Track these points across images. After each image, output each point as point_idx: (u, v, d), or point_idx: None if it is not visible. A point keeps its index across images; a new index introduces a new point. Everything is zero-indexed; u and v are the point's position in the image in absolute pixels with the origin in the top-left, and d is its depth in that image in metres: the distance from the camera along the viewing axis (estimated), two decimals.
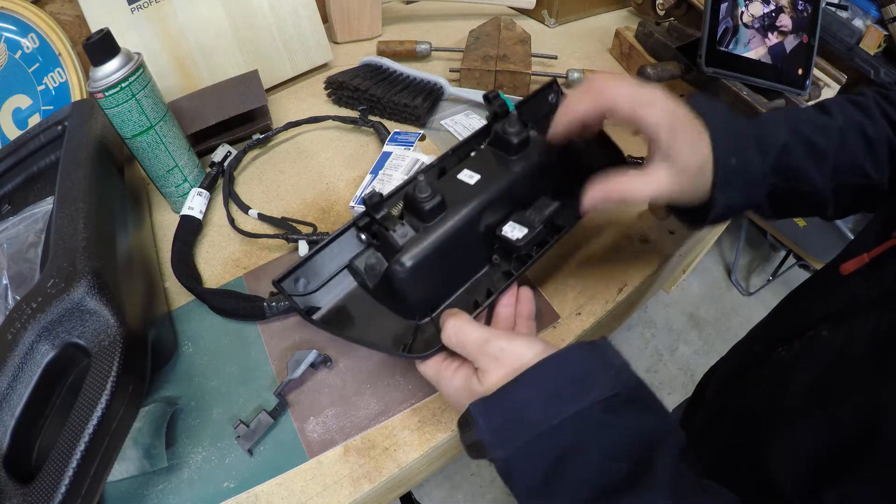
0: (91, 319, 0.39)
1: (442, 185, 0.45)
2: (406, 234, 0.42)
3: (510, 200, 0.46)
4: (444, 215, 0.43)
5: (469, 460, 1.42)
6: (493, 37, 0.82)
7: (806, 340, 0.39)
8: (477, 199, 0.44)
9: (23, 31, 0.64)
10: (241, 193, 0.65)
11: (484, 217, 0.45)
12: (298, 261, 0.43)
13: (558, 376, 0.32)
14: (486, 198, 0.45)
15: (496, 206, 0.46)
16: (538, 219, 0.46)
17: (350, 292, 0.46)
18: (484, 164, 0.47)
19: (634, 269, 0.57)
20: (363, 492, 0.43)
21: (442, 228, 0.43)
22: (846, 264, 0.39)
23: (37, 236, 0.49)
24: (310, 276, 0.44)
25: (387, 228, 0.42)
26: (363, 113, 0.71)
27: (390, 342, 0.43)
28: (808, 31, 0.71)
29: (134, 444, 0.43)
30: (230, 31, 0.72)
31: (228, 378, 0.49)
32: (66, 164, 0.49)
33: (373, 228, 0.44)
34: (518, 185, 0.46)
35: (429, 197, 0.42)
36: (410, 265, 0.41)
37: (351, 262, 0.45)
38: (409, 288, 0.43)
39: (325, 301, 0.45)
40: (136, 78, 0.51)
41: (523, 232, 0.45)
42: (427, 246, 0.42)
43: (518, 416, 0.31)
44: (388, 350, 0.43)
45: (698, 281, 1.74)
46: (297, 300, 0.44)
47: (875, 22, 1.18)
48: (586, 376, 0.32)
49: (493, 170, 0.47)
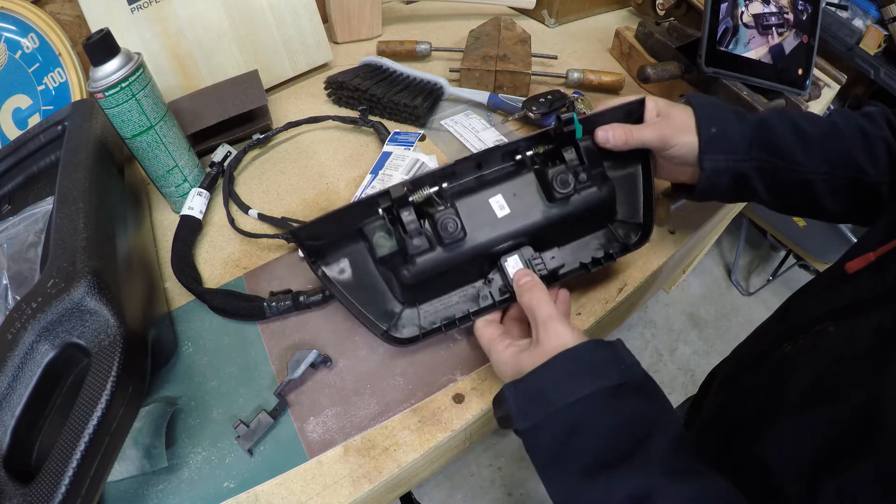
0: (91, 319, 0.39)
1: (470, 203, 0.47)
2: (420, 247, 0.45)
3: (526, 237, 0.48)
4: (461, 244, 0.45)
5: (469, 460, 1.41)
6: (493, 37, 0.82)
7: (811, 336, 0.40)
8: (496, 235, 0.46)
9: (23, 31, 0.64)
10: (241, 193, 0.65)
11: (496, 247, 0.47)
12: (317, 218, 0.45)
13: (576, 365, 0.37)
14: (505, 235, 0.47)
15: (511, 239, 0.47)
16: (542, 269, 0.47)
17: (356, 254, 0.48)
18: (519, 198, 0.47)
19: (634, 269, 0.58)
20: (363, 492, 0.43)
21: (453, 254, 0.45)
22: (851, 263, 0.39)
23: (37, 236, 0.48)
24: (324, 232, 0.46)
25: (405, 230, 0.44)
26: (363, 113, 0.71)
27: (374, 317, 0.47)
28: (808, 31, 0.71)
29: (134, 444, 0.43)
30: (230, 30, 0.72)
31: (228, 378, 0.49)
32: (66, 164, 0.49)
33: (393, 212, 0.45)
34: (540, 230, 0.48)
35: (452, 233, 0.44)
36: (413, 274, 0.45)
37: (364, 225, 0.47)
38: (407, 285, 0.46)
39: (332, 255, 0.48)
40: (136, 78, 0.51)
41: None
42: (434, 264, 0.45)
43: (540, 395, 0.37)
44: (374, 327, 0.47)
45: (698, 281, 1.74)
46: (307, 246, 0.46)
47: (875, 22, 1.18)
48: (599, 367, 0.37)
49: (524, 209, 0.47)
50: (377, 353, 0.50)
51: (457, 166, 0.47)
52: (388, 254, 0.46)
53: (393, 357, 0.50)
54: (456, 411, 0.47)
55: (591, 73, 0.79)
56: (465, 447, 0.53)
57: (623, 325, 1.60)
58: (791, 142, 0.47)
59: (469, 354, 0.51)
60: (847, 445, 0.31)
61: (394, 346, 0.47)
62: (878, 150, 0.46)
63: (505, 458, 1.39)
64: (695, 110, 0.48)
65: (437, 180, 0.47)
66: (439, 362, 0.50)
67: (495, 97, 0.73)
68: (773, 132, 0.47)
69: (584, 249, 0.51)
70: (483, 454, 1.39)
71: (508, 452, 1.39)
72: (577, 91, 0.78)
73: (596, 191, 0.48)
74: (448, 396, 0.48)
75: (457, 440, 0.48)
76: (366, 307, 0.47)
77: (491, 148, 0.48)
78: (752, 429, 0.40)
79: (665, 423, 0.35)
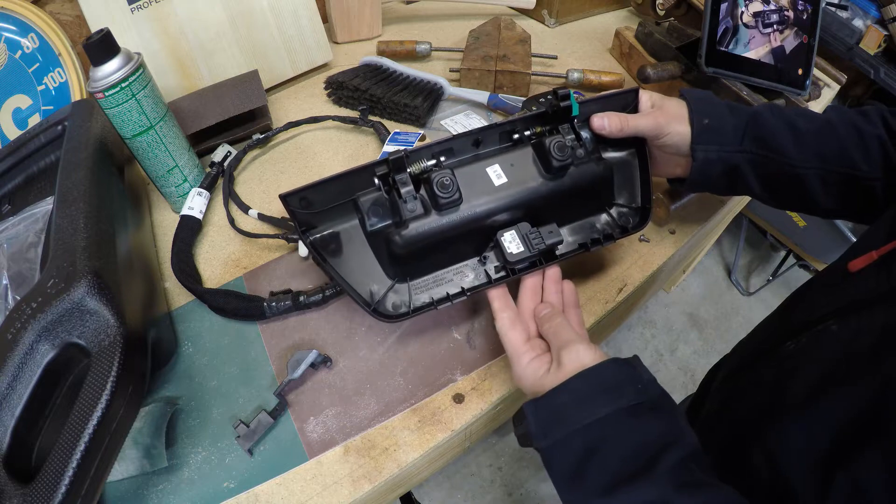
0: (91, 319, 0.39)
1: (467, 171, 0.46)
2: (414, 211, 0.44)
3: (523, 210, 0.47)
4: (456, 210, 0.45)
5: (469, 460, 1.41)
6: (493, 37, 0.82)
7: (814, 334, 0.40)
8: (492, 205, 0.45)
9: (23, 31, 0.64)
10: (241, 193, 0.65)
11: (492, 217, 0.46)
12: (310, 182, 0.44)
13: (594, 385, 0.38)
14: (502, 205, 0.46)
15: (507, 211, 0.46)
16: (540, 245, 0.46)
17: (348, 226, 0.47)
18: (517, 168, 0.47)
19: (634, 269, 0.58)
20: (363, 492, 0.43)
21: (447, 219, 0.44)
22: (854, 262, 0.39)
23: (37, 236, 0.48)
24: (316, 200, 0.45)
25: (399, 195, 0.43)
26: (363, 113, 0.71)
27: (365, 292, 0.46)
28: (808, 31, 0.71)
29: (134, 444, 0.43)
30: (230, 30, 0.72)
31: (228, 378, 0.49)
32: (66, 164, 0.49)
33: (389, 181, 0.45)
34: (537, 202, 0.47)
35: (448, 195, 0.43)
36: (406, 240, 0.43)
37: (357, 196, 0.46)
38: (400, 255, 0.45)
39: (323, 226, 0.47)
40: (136, 78, 0.51)
41: (520, 249, 0.46)
42: (428, 230, 0.44)
43: (559, 415, 0.38)
44: (361, 302, 0.45)
45: (698, 281, 1.74)
46: (297, 214, 0.45)
47: (875, 22, 1.18)
48: (617, 387, 0.38)
49: (521, 179, 0.47)
50: (377, 353, 0.50)
51: (454, 141, 0.47)
52: (381, 227, 0.45)
53: (393, 357, 0.50)
54: (456, 411, 0.47)
55: (591, 73, 0.79)
56: (465, 447, 0.53)
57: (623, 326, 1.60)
58: (783, 135, 0.47)
59: (469, 354, 0.51)
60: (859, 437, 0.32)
61: (383, 321, 0.45)
62: (871, 147, 0.46)
63: (505, 458, 1.39)
64: (688, 103, 0.49)
65: (434, 154, 0.47)
66: (439, 362, 0.50)
67: (495, 97, 0.73)
68: (765, 125, 0.48)
69: (583, 231, 0.51)
70: (483, 454, 1.39)
71: (508, 452, 1.39)
72: (577, 91, 0.78)
73: (593, 166, 0.48)
74: (448, 396, 0.48)
75: (457, 440, 0.48)
76: (355, 282, 0.46)
77: (488, 125, 0.48)
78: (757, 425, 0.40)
79: (678, 439, 0.35)
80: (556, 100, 0.47)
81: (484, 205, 0.45)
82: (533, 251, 0.46)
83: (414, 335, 0.52)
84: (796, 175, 0.47)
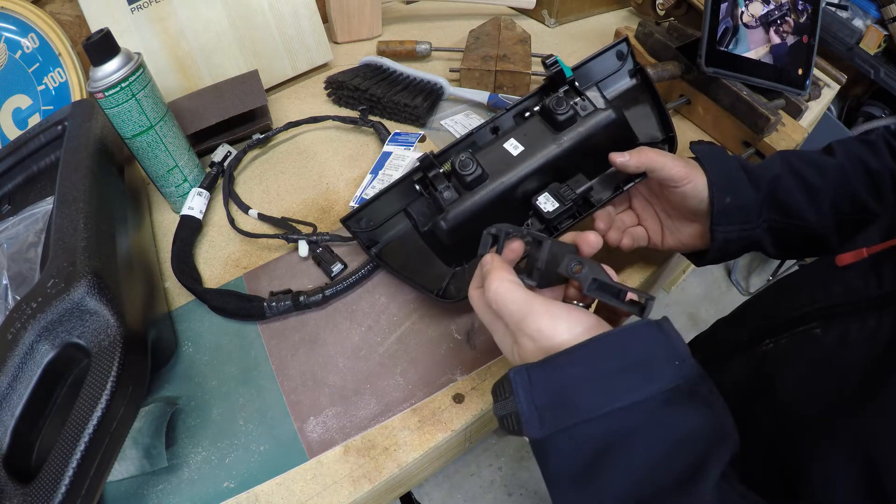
0: (91, 319, 0.39)
1: (488, 153, 0.51)
2: (451, 198, 0.49)
3: (548, 173, 0.50)
4: (484, 185, 0.49)
5: (469, 460, 1.40)
6: (493, 37, 0.82)
7: (797, 336, 0.38)
8: (515, 172, 0.49)
9: (23, 31, 0.64)
10: (241, 193, 0.65)
11: (521, 186, 0.49)
12: (362, 202, 0.52)
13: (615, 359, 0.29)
14: (525, 171, 0.49)
15: (534, 177, 0.50)
16: (571, 195, 0.49)
17: (404, 233, 0.53)
18: (529, 136, 0.51)
19: (635, 269, 0.58)
20: (363, 492, 0.43)
21: (479, 195, 0.49)
22: (843, 256, 0.38)
23: (37, 236, 0.48)
24: (371, 217, 0.53)
25: (435, 188, 0.49)
26: (363, 113, 0.71)
27: (430, 284, 0.50)
28: (808, 31, 0.71)
29: (134, 444, 0.43)
30: (230, 31, 0.72)
31: (228, 378, 0.49)
32: (66, 164, 0.49)
33: (426, 181, 0.51)
34: (557, 161, 0.50)
35: (471, 172, 0.48)
36: (449, 225, 0.49)
37: (407, 206, 0.53)
38: (449, 240, 0.50)
39: (383, 238, 0.54)
40: (136, 78, 0.51)
41: (555, 206, 0.49)
42: (465, 209, 0.49)
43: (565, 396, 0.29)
44: (427, 290, 0.50)
45: (698, 281, 1.74)
46: (360, 235, 0.52)
47: (875, 22, 1.18)
48: (647, 364, 0.29)
49: (536, 143, 0.50)
50: (377, 352, 0.50)
51: (475, 135, 0.52)
52: (431, 224, 0.50)
53: (393, 357, 0.50)
54: (456, 411, 0.47)
55: None
56: (465, 447, 0.53)
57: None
58: (801, 200, 0.46)
59: (469, 354, 0.51)
60: None
61: (449, 304, 0.50)
62: (882, 185, 0.46)
63: (505, 458, 1.39)
64: (707, 174, 0.46)
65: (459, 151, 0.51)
66: (439, 362, 0.50)
67: (495, 97, 0.73)
68: (782, 191, 0.46)
69: (615, 179, 0.52)
70: (483, 454, 1.38)
71: (508, 452, 1.39)
72: None
73: (601, 114, 0.50)
74: (448, 396, 0.48)
75: (456, 440, 0.48)
76: (418, 277, 0.51)
77: (501, 112, 0.52)
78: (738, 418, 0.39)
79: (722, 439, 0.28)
80: (547, 69, 0.51)
81: (508, 174, 0.49)
82: (567, 203, 0.49)
83: (414, 335, 0.52)
84: (813, 235, 0.47)
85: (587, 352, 0.29)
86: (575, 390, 0.29)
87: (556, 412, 0.29)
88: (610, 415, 0.28)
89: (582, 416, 0.28)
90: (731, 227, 0.46)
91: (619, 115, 0.51)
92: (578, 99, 0.51)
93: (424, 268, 0.52)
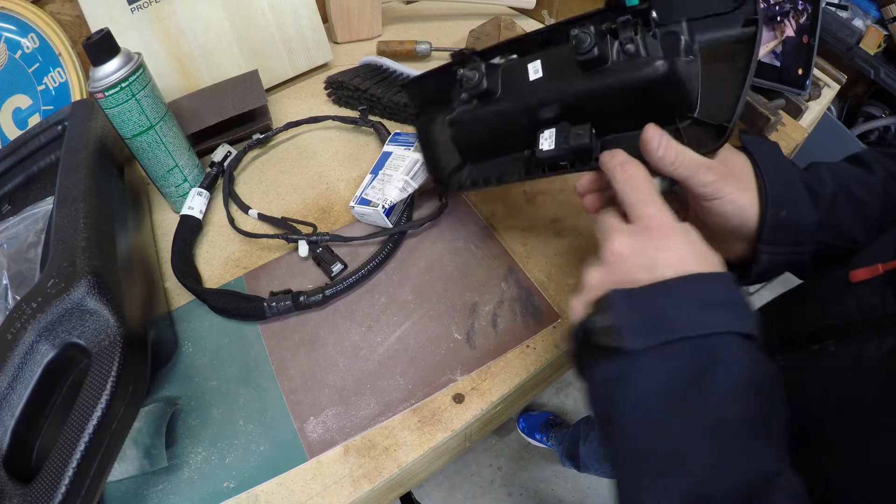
0: (91, 319, 0.39)
1: (510, 68, 0.49)
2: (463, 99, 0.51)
3: (560, 110, 0.45)
4: (494, 101, 0.49)
5: (469, 460, 1.40)
6: (493, 37, 0.82)
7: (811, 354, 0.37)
8: (524, 100, 0.47)
9: (23, 31, 0.64)
10: (241, 193, 0.65)
11: (529, 115, 0.47)
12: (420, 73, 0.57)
13: (708, 293, 0.31)
14: (535, 101, 0.47)
15: (545, 110, 0.46)
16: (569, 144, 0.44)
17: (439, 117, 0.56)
18: (554, 66, 0.46)
19: None
20: (363, 492, 0.43)
21: (484, 111, 0.49)
22: (857, 272, 0.36)
23: (37, 236, 0.49)
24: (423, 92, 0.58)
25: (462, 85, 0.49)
26: (363, 113, 0.71)
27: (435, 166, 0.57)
28: (808, 31, 0.71)
29: (134, 444, 0.43)
30: (230, 31, 0.72)
31: (228, 378, 0.49)
32: (66, 164, 0.49)
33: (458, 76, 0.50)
34: (573, 102, 0.44)
35: (474, 87, 0.48)
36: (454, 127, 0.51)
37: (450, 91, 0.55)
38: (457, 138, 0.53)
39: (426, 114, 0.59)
40: (136, 78, 0.51)
41: (550, 147, 0.45)
42: (471, 118, 0.50)
43: (661, 317, 0.30)
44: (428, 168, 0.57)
45: None
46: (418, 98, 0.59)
47: (875, 22, 1.19)
48: (736, 306, 0.31)
49: (556, 76, 0.45)
50: (377, 352, 0.50)
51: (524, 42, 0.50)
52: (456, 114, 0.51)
53: (393, 357, 0.50)
54: (456, 411, 0.47)
55: None
56: (465, 447, 0.53)
57: None
58: (854, 220, 0.40)
59: (469, 354, 0.51)
60: None
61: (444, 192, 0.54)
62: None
63: (505, 458, 1.39)
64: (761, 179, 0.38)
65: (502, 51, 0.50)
66: (439, 362, 0.50)
67: None
68: (838, 210, 0.40)
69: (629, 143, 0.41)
70: (483, 454, 1.39)
71: (508, 452, 1.39)
72: None
73: (644, 64, 0.39)
74: (448, 396, 0.48)
75: (456, 440, 0.48)
76: (434, 156, 0.56)
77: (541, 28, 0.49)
78: None
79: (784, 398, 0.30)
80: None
81: (516, 98, 0.47)
82: (560, 150, 0.44)
83: (414, 335, 0.52)
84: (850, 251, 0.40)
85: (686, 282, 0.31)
86: (671, 312, 0.30)
87: (653, 326, 0.29)
88: (705, 338, 0.29)
89: (679, 333, 0.29)
90: (781, 248, 0.39)
91: (672, 76, 0.38)
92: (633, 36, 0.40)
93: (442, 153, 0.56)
